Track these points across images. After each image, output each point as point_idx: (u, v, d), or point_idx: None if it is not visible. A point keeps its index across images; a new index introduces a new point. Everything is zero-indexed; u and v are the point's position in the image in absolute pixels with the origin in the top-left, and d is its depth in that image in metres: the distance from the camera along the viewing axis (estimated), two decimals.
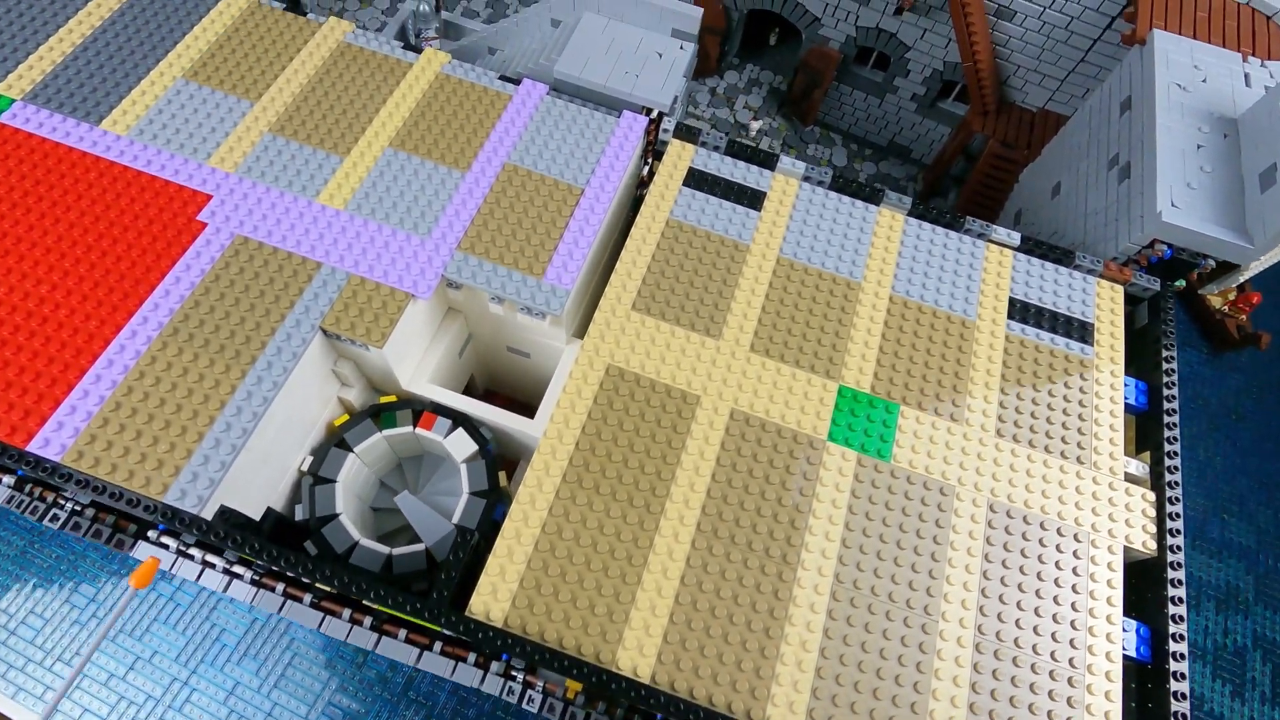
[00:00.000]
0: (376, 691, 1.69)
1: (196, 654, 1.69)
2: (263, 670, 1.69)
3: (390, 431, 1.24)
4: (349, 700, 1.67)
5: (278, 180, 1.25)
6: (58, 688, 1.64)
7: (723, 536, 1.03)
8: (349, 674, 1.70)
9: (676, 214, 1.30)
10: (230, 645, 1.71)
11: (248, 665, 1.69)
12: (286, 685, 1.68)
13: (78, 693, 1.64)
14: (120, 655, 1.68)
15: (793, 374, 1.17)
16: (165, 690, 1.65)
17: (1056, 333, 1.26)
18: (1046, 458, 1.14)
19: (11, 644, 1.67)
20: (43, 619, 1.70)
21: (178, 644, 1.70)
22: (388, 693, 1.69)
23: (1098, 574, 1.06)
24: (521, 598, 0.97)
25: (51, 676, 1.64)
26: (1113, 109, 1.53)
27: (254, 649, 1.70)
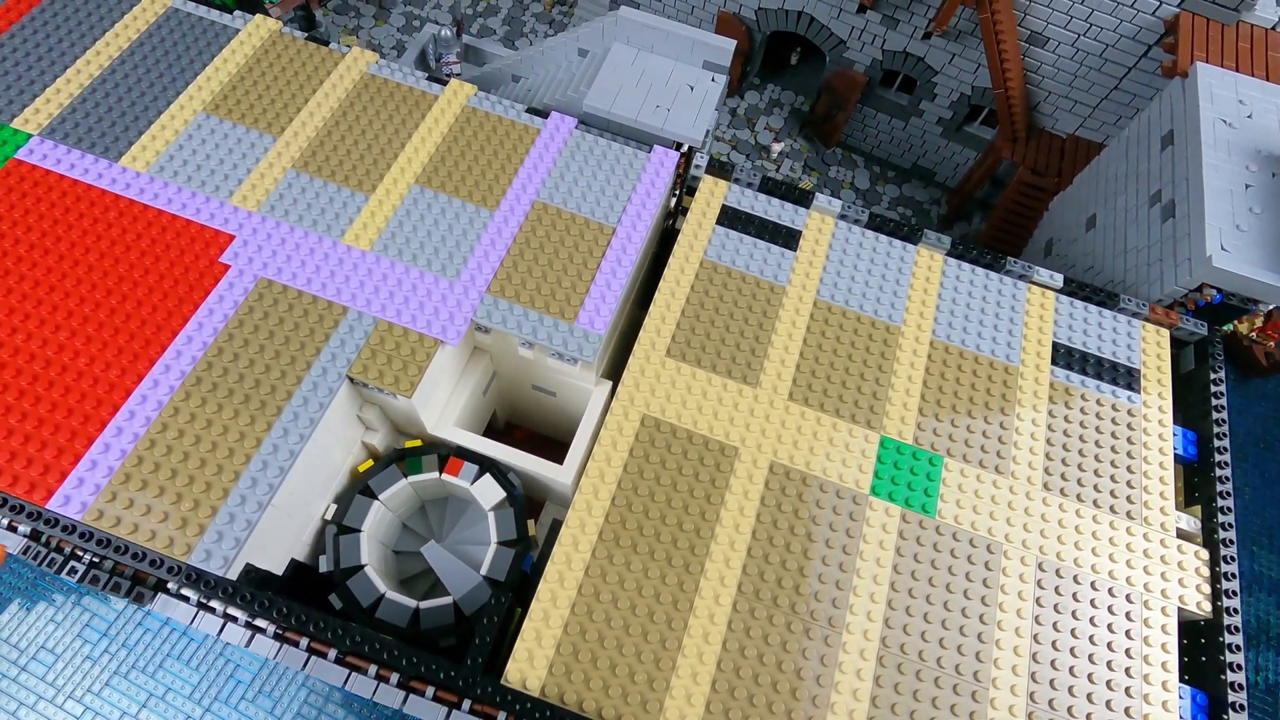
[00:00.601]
0: None
1: (210, 691, 1.66)
2: (277, 709, 1.65)
3: (416, 478, 1.21)
4: None
5: (302, 219, 1.21)
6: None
7: (764, 598, 1.00)
8: (366, 712, 1.66)
9: (710, 254, 1.27)
10: (244, 682, 1.67)
11: (262, 704, 1.66)
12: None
13: None
14: (133, 692, 1.64)
15: (833, 424, 1.13)
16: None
17: (1102, 379, 1.22)
18: (1096, 513, 1.11)
19: (22, 680, 1.64)
20: (54, 654, 1.67)
21: (191, 680, 1.66)
22: None
23: (1151, 637, 1.02)
24: (559, 664, 0.94)
25: (64, 715, 1.61)
26: (1153, 143, 1.49)
27: (268, 687, 1.67)
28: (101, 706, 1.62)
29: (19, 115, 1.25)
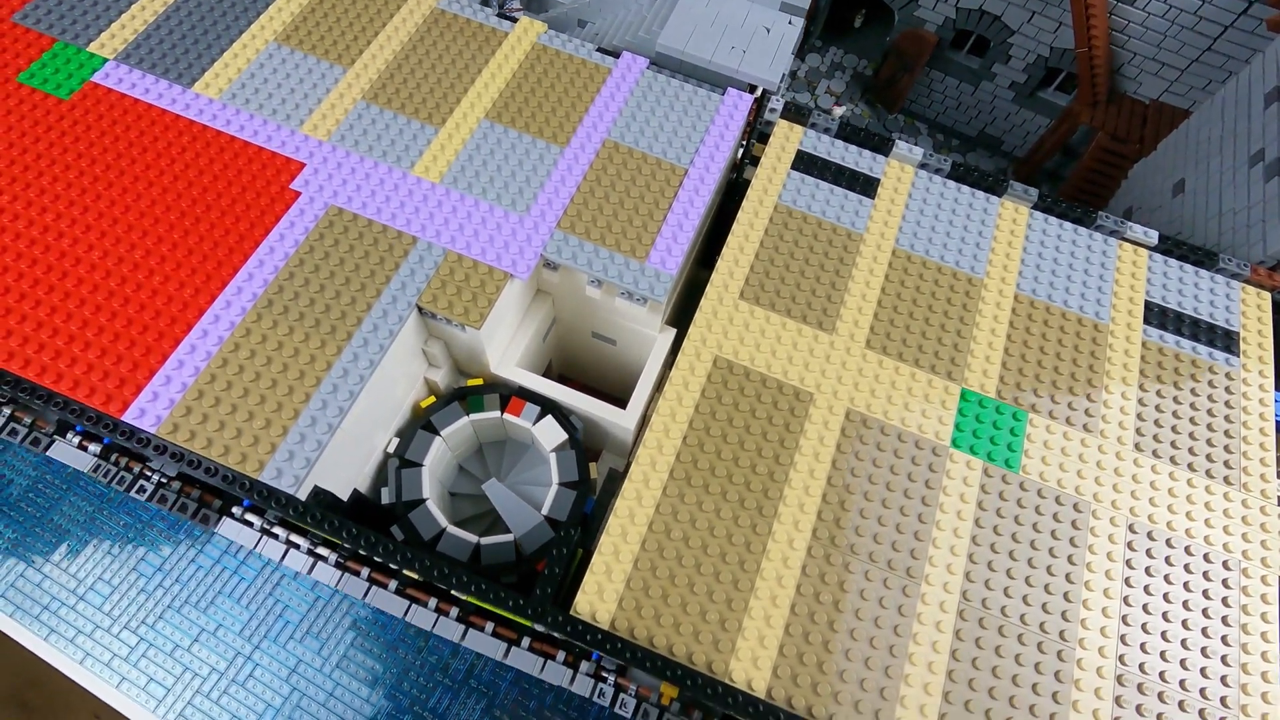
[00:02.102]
0: (438, 678, 1.66)
1: (260, 629, 1.68)
2: (325, 649, 1.67)
3: (477, 416, 1.19)
4: (410, 685, 1.64)
5: (372, 150, 1.20)
6: (127, 655, 1.64)
7: (841, 545, 0.96)
8: (411, 658, 1.67)
9: (785, 199, 1.23)
10: (293, 622, 1.69)
11: (310, 644, 1.67)
12: (348, 666, 1.65)
13: (144, 661, 1.63)
14: (185, 626, 1.67)
15: (912, 374, 1.09)
16: (229, 664, 1.64)
17: (1198, 340, 1.16)
18: (1191, 476, 1.05)
19: (80, 609, 1.68)
20: (110, 586, 1.70)
21: (242, 618, 1.68)
22: (449, 679, 1.66)
23: (1251, 606, 0.97)
24: (628, 599, 0.92)
25: (119, 644, 1.64)
26: (1255, 101, 1.41)
27: (316, 627, 1.68)
28: (155, 638, 1.65)
29: (95, 40, 1.25)
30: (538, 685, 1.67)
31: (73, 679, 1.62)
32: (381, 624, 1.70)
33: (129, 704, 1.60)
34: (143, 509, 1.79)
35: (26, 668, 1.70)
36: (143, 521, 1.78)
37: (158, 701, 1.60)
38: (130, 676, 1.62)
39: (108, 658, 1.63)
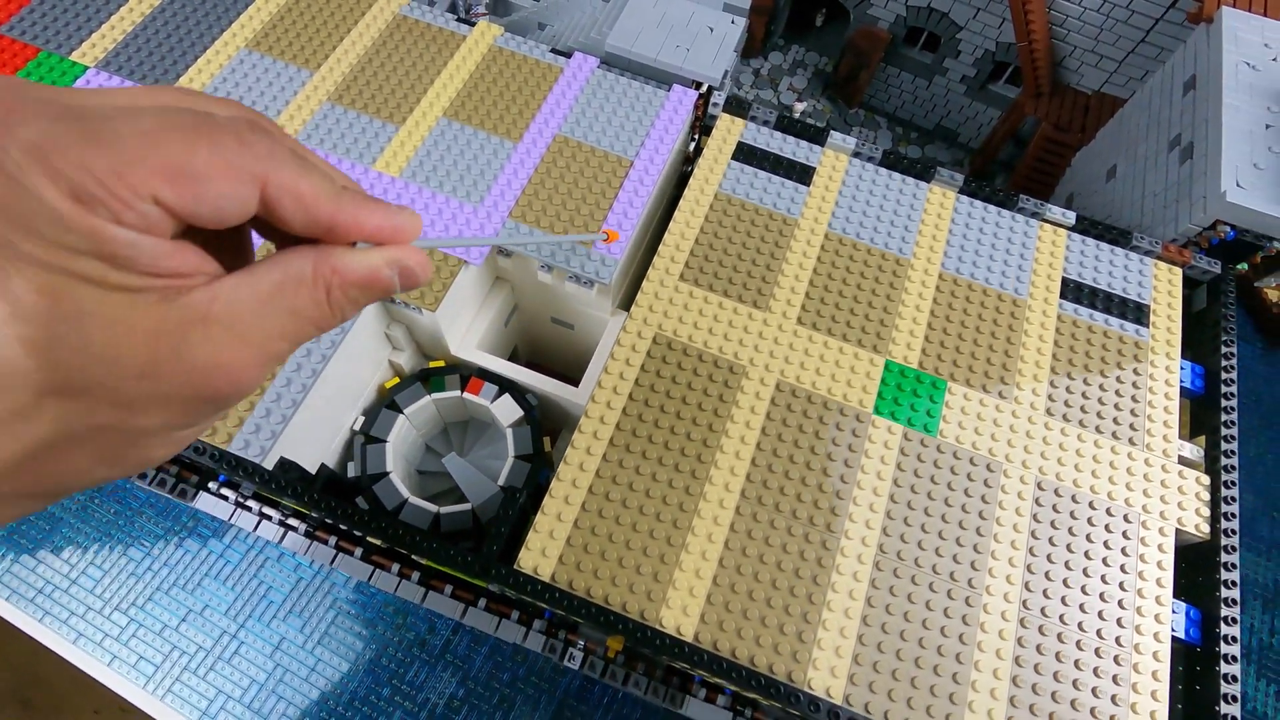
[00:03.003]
0: (415, 652, 1.74)
1: (245, 609, 1.75)
2: (307, 627, 1.75)
3: (439, 395, 1.27)
4: (388, 660, 1.72)
5: (336, 147, 1.28)
6: (118, 634, 1.71)
7: (767, 504, 1.04)
8: (389, 634, 1.75)
9: (725, 187, 1.31)
10: (276, 602, 1.77)
11: (293, 622, 1.75)
12: (329, 643, 1.73)
13: (134, 641, 1.71)
14: (173, 607, 1.75)
15: (840, 348, 1.17)
16: (215, 642, 1.72)
17: (1111, 314, 1.24)
18: (1098, 438, 1.13)
19: (73, 593, 1.75)
20: (101, 570, 1.78)
21: (227, 599, 1.76)
22: (425, 654, 1.74)
23: (1148, 555, 1.05)
24: (569, 555, 0.99)
25: (110, 625, 1.72)
26: (1175, 89, 1.49)
27: (299, 606, 1.76)
28: (145, 619, 1.73)
29: (77, 49, 1.34)
30: (510, 659, 1.75)
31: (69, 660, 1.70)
32: (361, 603, 1.78)
33: (120, 681, 1.67)
34: (132, 497, 1.87)
35: (28, 665, 1.78)
36: (132, 509, 1.86)
37: (147, 678, 1.68)
38: (121, 655, 1.69)
39: (99, 638, 1.71)
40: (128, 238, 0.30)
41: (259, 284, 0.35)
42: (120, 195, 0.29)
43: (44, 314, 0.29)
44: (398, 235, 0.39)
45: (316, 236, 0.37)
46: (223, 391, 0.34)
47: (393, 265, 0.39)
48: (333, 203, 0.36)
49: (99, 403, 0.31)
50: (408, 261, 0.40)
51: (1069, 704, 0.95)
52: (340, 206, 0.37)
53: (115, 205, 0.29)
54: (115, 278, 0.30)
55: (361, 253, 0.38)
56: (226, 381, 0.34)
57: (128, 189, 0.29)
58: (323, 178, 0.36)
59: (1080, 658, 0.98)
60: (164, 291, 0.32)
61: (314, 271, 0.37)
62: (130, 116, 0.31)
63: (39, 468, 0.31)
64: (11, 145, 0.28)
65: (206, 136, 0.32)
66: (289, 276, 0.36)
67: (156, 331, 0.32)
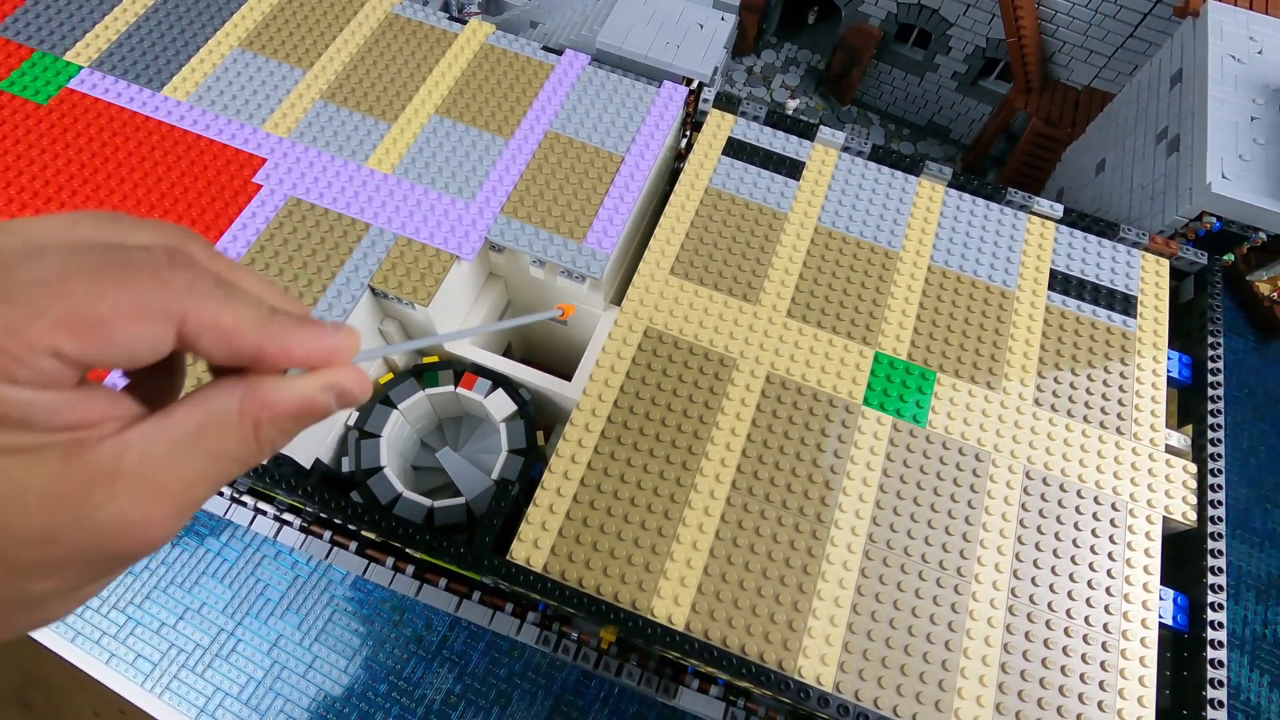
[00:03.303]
0: (412, 649, 1.74)
1: (242, 607, 1.76)
2: (304, 624, 1.75)
3: (432, 390, 1.28)
4: (385, 656, 1.73)
5: (329, 145, 1.29)
6: (115, 632, 1.72)
7: (758, 495, 1.05)
8: (386, 631, 1.75)
9: (715, 182, 1.32)
10: (274, 600, 1.77)
11: (290, 619, 1.75)
12: (326, 639, 1.74)
13: (131, 639, 1.72)
14: (171, 605, 1.75)
15: (829, 339, 1.18)
16: (213, 640, 1.72)
17: (1099, 305, 1.25)
18: (1085, 427, 1.14)
19: None
20: None
21: (225, 596, 1.77)
22: (422, 650, 1.74)
23: (1135, 542, 1.06)
24: (561, 546, 1.00)
25: (108, 623, 1.73)
26: (1162, 83, 1.50)
27: (296, 604, 1.77)
28: (143, 617, 1.73)
29: (71, 49, 1.35)
30: (507, 655, 1.76)
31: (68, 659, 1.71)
32: (358, 600, 1.78)
33: (118, 679, 1.68)
34: None
35: (28, 668, 1.78)
36: None
37: (145, 676, 1.68)
38: (119, 653, 1.70)
39: (97, 636, 1.72)
40: (22, 397, 0.29)
41: (176, 429, 0.33)
42: (13, 353, 0.28)
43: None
44: (333, 358, 0.37)
45: (242, 366, 0.35)
46: (131, 550, 0.32)
47: (328, 390, 0.37)
48: (259, 332, 0.34)
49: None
50: (344, 383, 0.38)
51: (1058, 690, 0.96)
52: (268, 336, 0.35)
53: (6, 364, 0.28)
54: (6, 439, 0.29)
55: (293, 381, 0.37)
56: (136, 540, 0.32)
57: (23, 346, 0.28)
58: (249, 306, 0.34)
59: (1069, 644, 0.99)
60: (65, 447, 0.30)
61: (240, 409, 0.35)
62: (34, 261, 0.30)
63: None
64: None
65: (116, 278, 0.30)
66: (211, 418, 0.34)
67: (54, 495, 0.30)
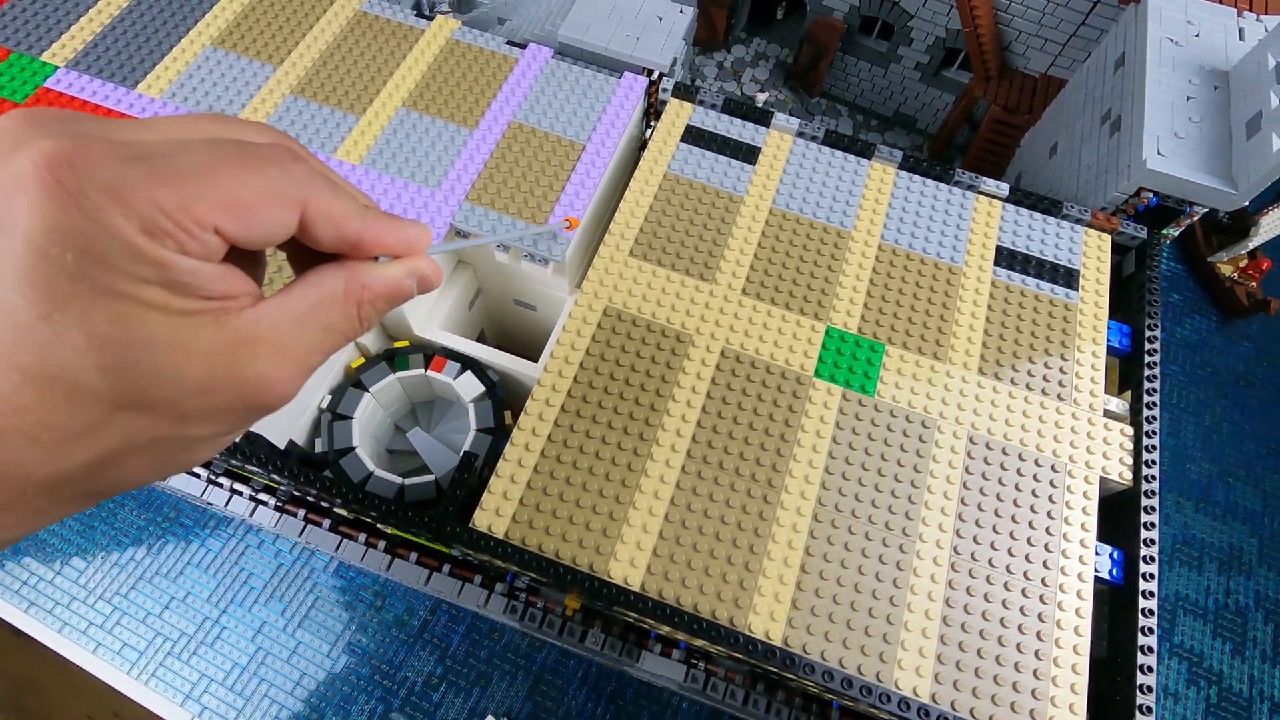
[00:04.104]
0: (394, 633, 1.78)
1: (226, 595, 1.80)
2: (287, 611, 1.79)
3: (403, 373, 1.32)
4: (367, 640, 1.77)
5: (298, 138, 1.33)
6: (102, 622, 1.75)
7: (712, 462, 1.10)
8: (368, 616, 1.79)
9: (674, 168, 1.36)
10: (257, 588, 1.81)
11: (274, 607, 1.79)
12: (309, 625, 1.78)
13: (118, 628, 1.75)
14: (157, 595, 1.79)
15: (783, 315, 1.23)
16: (198, 628, 1.76)
17: (1042, 279, 1.30)
18: (1028, 394, 1.19)
19: (57, 583, 1.79)
20: (85, 560, 1.82)
21: (209, 586, 1.80)
22: (404, 634, 1.78)
23: (1073, 501, 1.10)
24: (522, 514, 1.04)
25: (94, 613, 1.76)
26: (1107, 67, 1.56)
27: (279, 591, 1.81)
28: (129, 607, 1.77)
29: (47, 50, 1.39)
30: (487, 637, 1.80)
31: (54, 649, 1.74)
32: (340, 586, 1.82)
33: (105, 668, 1.71)
34: None
35: (22, 673, 1.81)
36: (115, 502, 1.90)
37: (131, 664, 1.72)
38: (105, 642, 1.74)
39: (84, 626, 1.75)
40: (191, 266, 0.34)
41: (297, 305, 0.39)
42: (187, 228, 0.33)
43: (116, 342, 0.32)
44: (414, 247, 0.45)
45: (342, 252, 0.42)
46: (269, 403, 0.39)
47: (411, 275, 0.45)
48: (359, 221, 0.41)
49: (161, 416, 0.35)
50: (424, 270, 0.46)
51: (997, 640, 1.00)
52: (366, 225, 0.41)
53: (181, 237, 0.33)
54: (177, 303, 0.34)
55: (384, 266, 0.44)
56: (272, 394, 0.39)
57: (193, 222, 0.33)
58: (350, 200, 0.41)
59: (1008, 598, 1.03)
60: (216, 314, 0.36)
61: (345, 289, 0.41)
62: (185, 152, 0.35)
63: (102, 473, 0.35)
64: (90, 189, 0.31)
65: (255, 168, 0.36)
66: (323, 296, 0.41)
67: (212, 352, 0.35)
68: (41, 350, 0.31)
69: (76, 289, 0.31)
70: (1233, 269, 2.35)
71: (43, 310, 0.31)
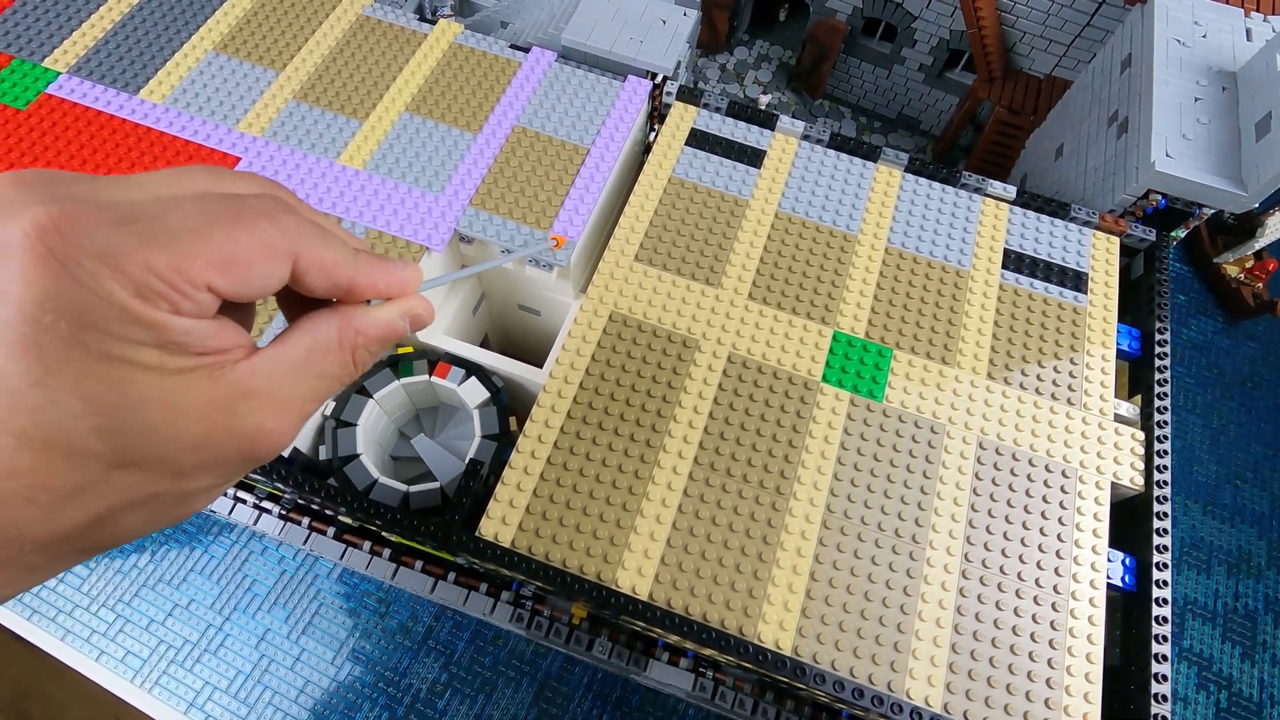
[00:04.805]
0: (398, 640, 1.77)
1: (230, 602, 1.79)
2: (291, 618, 1.78)
3: (407, 380, 1.31)
4: (372, 647, 1.76)
5: (301, 143, 1.32)
6: (105, 630, 1.74)
7: (719, 469, 1.09)
8: (372, 623, 1.78)
9: (679, 172, 1.35)
10: (261, 595, 1.80)
11: (277, 613, 1.78)
12: (313, 632, 1.77)
13: (121, 636, 1.74)
14: (160, 602, 1.78)
15: (789, 320, 1.22)
16: (201, 635, 1.75)
17: (1051, 282, 1.29)
18: (1037, 399, 1.18)
19: (60, 591, 1.79)
20: (88, 568, 1.81)
21: (213, 593, 1.79)
22: (409, 641, 1.77)
23: (1084, 507, 1.09)
24: (528, 522, 1.04)
25: (98, 620, 1.75)
26: (1113, 68, 1.55)
27: (283, 598, 1.80)
28: (131, 614, 1.76)
29: (49, 55, 1.38)
30: (492, 644, 1.79)
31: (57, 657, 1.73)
32: (344, 593, 1.81)
33: (108, 676, 1.71)
34: None
35: (24, 679, 1.80)
36: None
37: (134, 672, 1.71)
38: (109, 650, 1.73)
39: (87, 634, 1.74)
40: (185, 325, 0.34)
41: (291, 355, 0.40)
42: (180, 289, 0.33)
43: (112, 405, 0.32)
44: (406, 288, 0.45)
45: (335, 297, 0.42)
46: (265, 453, 0.39)
47: (404, 315, 0.46)
48: (350, 268, 0.41)
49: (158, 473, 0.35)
50: (416, 309, 0.46)
51: (1009, 649, 0.99)
52: (357, 270, 0.42)
53: (175, 298, 0.33)
54: (172, 363, 0.34)
55: (377, 309, 0.44)
56: (269, 444, 0.39)
57: (187, 282, 0.33)
58: (341, 246, 0.41)
59: (1020, 605, 1.02)
60: (211, 369, 0.36)
61: (339, 337, 0.41)
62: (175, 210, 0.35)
63: (98, 530, 0.35)
64: (82, 256, 0.31)
65: (246, 223, 0.36)
66: (318, 344, 0.41)
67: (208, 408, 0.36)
68: (36, 415, 0.31)
69: (70, 355, 0.31)
70: (1239, 270, 2.34)
71: (36, 376, 0.30)
